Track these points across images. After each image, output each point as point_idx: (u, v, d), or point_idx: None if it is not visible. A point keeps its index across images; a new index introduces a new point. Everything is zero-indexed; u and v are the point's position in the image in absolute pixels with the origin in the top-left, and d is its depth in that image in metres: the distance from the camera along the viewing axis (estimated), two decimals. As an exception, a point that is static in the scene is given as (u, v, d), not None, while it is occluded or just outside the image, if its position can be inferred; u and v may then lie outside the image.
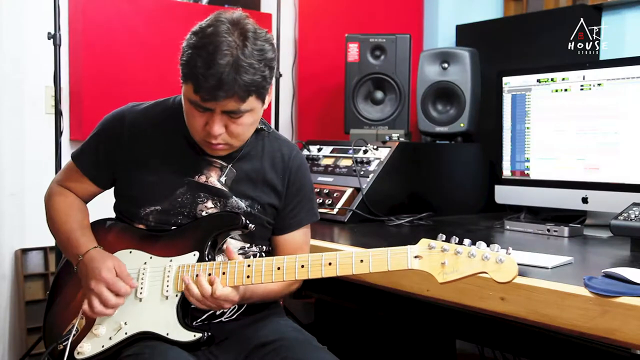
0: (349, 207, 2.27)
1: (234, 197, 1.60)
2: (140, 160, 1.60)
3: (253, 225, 1.56)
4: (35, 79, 2.66)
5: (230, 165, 1.61)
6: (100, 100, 2.66)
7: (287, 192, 1.65)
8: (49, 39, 2.41)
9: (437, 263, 1.30)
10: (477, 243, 1.29)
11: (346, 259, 1.38)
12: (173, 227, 1.58)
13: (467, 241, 1.30)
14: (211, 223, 1.55)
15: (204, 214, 1.58)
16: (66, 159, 2.44)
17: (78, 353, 1.49)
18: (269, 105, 2.24)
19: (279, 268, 1.43)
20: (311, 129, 3.25)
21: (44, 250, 2.69)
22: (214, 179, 1.60)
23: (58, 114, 2.44)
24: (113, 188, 1.68)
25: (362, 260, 1.36)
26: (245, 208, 1.60)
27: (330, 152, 2.60)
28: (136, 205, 1.60)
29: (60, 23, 2.43)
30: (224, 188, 1.59)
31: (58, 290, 1.64)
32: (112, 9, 2.70)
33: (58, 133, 2.43)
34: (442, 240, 1.32)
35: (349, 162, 2.48)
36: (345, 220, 2.24)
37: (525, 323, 1.39)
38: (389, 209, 2.32)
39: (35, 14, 2.62)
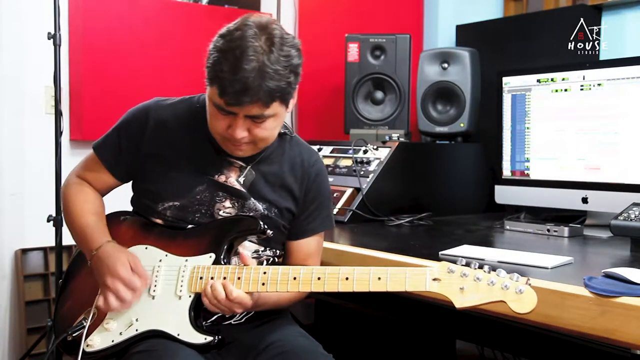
0: (349, 207, 2.27)
1: (252, 199, 1.59)
2: (162, 155, 1.60)
3: (271, 232, 1.56)
4: (35, 79, 2.65)
5: (249, 167, 1.61)
6: (100, 100, 2.66)
7: (305, 199, 1.65)
8: (49, 39, 2.41)
9: (456, 288, 1.28)
10: (497, 270, 1.27)
11: (364, 275, 1.36)
12: (190, 225, 1.58)
13: (486, 267, 1.28)
14: (230, 226, 1.55)
15: (221, 212, 1.58)
16: (66, 159, 2.46)
17: (87, 345, 1.49)
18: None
19: (295, 278, 1.41)
20: (311, 129, 3.25)
21: (44, 250, 2.69)
22: (233, 179, 1.60)
23: (58, 114, 2.43)
24: (131, 182, 1.68)
25: (379, 278, 1.35)
26: (262, 210, 1.60)
27: (330, 152, 2.60)
28: (154, 199, 1.60)
29: (60, 23, 2.42)
30: (242, 189, 1.59)
31: (70, 281, 1.64)
32: (112, 9, 2.69)
33: (58, 133, 2.43)
34: (462, 265, 1.30)
35: (349, 162, 2.48)
36: (345, 220, 2.24)
37: (525, 323, 1.39)
38: (388, 209, 2.32)
39: (35, 14, 2.62)
